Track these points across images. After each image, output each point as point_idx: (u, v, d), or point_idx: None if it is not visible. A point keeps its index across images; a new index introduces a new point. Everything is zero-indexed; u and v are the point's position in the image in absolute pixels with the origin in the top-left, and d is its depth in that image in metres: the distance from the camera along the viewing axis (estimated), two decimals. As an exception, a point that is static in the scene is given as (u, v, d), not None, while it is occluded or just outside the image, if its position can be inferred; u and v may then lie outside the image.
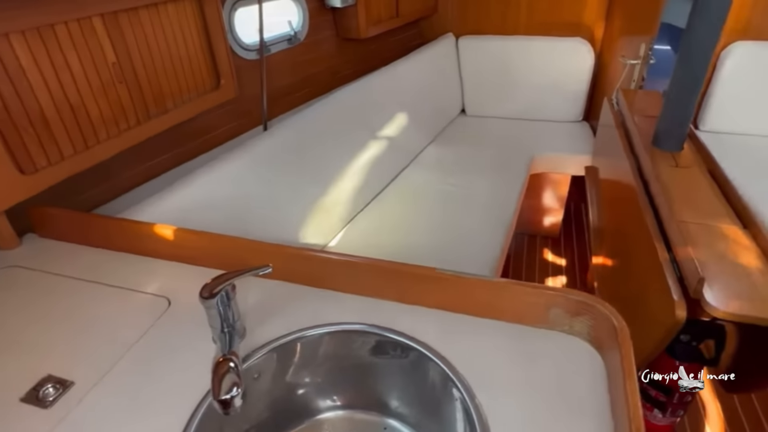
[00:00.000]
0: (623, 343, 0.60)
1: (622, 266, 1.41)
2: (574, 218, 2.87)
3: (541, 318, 0.71)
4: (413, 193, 2.06)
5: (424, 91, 2.47)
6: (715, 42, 1.33)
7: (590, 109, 2.72)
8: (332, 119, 1.82)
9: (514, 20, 2.71)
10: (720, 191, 1.31)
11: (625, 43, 2.28)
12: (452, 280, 0.73)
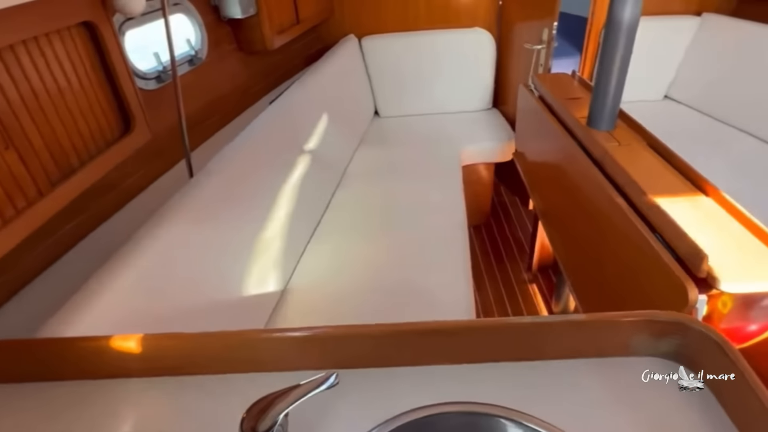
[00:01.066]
0: (737, 360, 0.55)
1: (594, 252, 1.42)
2: (499, 205, 2.95)
3: (623, 346, 0.64)
4: (359, 211, 1.94)
5: (338, 100, 2.34)
6: (636, 23, 1.38)
7: (498, 96, 2.79)
8: (258, 149, 1.60)
9: (413, 15, 2.68)
10: (668, 163, 1.36)
11: (526, 29, 2.36)
12: (527, 327, 0.63)
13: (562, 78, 2.01)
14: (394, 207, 1.95)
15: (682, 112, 2.64)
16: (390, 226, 1.83)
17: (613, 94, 1.50)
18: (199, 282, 1.16)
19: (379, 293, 1.50)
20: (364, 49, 2.64)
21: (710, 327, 0.59)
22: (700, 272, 0.98)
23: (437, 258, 1.64)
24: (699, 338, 0.60)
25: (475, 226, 2.75)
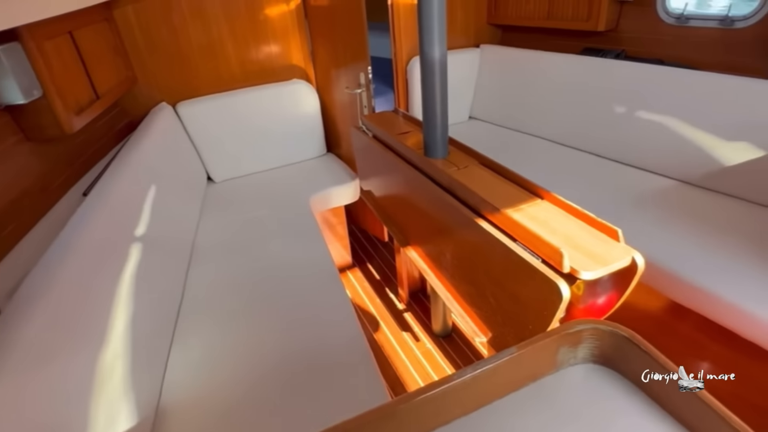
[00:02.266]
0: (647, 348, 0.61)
1: (467, 270, 1.50)
2: (357, 245, 2.98)
3: (551, 363, 0.67)
4: (220, 289, 1.75)
5: (165, 174, 2.11)
6: (445, 60, 1.54)
7: (330, 140, 2.85)
8: (82, 255, 1.26)
9: (228, 75, 2.60)
10: (502, 177, 1.53)
11: (343, 75, 2.46)
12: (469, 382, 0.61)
13: (388, 115, 2.14)
14: (258, 274, 1.81)
15: (486, 128, 3.05)
16: (260, 296, 1.69)
17: (441, 124, 1.64)
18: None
19: (273, 376, 1.36)
20: (182, 116, 2.46)
21: (617, 325, 0.65)
22: (563, 268, 1.10)
23: (320, 317, 1.56)
24: (610, 337, 0.65)
25: (341, 270, 2.73)
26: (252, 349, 1.46)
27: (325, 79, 2.74)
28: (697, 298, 1.58)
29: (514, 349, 0.63)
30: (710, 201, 1.99)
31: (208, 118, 2.51)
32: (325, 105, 2.77)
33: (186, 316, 1.63)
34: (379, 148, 1.97)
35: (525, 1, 2.82)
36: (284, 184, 2.55)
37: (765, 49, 1.99)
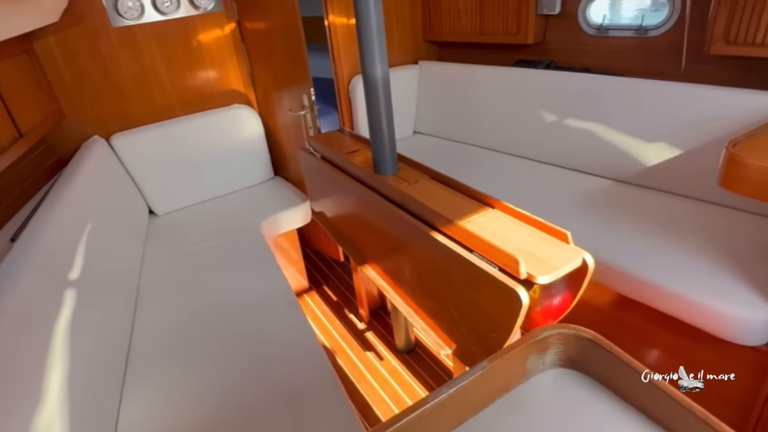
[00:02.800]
0: (609, 347, 0.63)
1: (427, 284, 1.51)
2: (313, 267, 2.93)
3: (521, 371, 0.67)
4: (172, 331, 1.65)
5: (101, 211, 1.99)
6: (388, 79, 1.56)
7: (276, 164, 2.81)
8: (13, 309, 1.18)
9: (164, 104, 2.51)
10: (452, 189, 1.55)
11: (285, 98, 2.44)
12: (445, 402, 0.60)
13: (334, 135, 2.14)
14: (212, 311, 1.73)
15: (431, 141, 3.11)
16: (216, 335, 1.61)
17: (389, 141, 1.65)
18: None
19: (239, 419, 1.29)
20: (116, 149, 2.34)
21: (580, 328, 0.67)
22: (520, 275, 1.13)
23: (281, 349, 1.51)
24: (575, 340, 0.67)
25: (298, 295, 2.67)
26: (212, 393, 1.38)
27: (266, 103, 2.70)
28: (643, 291, 1.67)
29: (485, 363, 0.63)
30: (645, 197, 2.12)
31: (146, 150, 2.40)
32: (268, 128, 2.73)
33: (136, 365, 1.52)
34: (328, 168, 1.95)
35: (457, 18, 2.93)
36: (232, 211, 2.47)
37: (676, 54, 2.17)
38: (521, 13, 2.58)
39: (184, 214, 2.49)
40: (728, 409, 1.62)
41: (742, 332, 1.45)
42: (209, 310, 1.73)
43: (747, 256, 1.63)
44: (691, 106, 2.00)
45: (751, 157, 1.26)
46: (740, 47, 1.88)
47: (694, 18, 2.05)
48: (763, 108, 1.78)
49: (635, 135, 2.18)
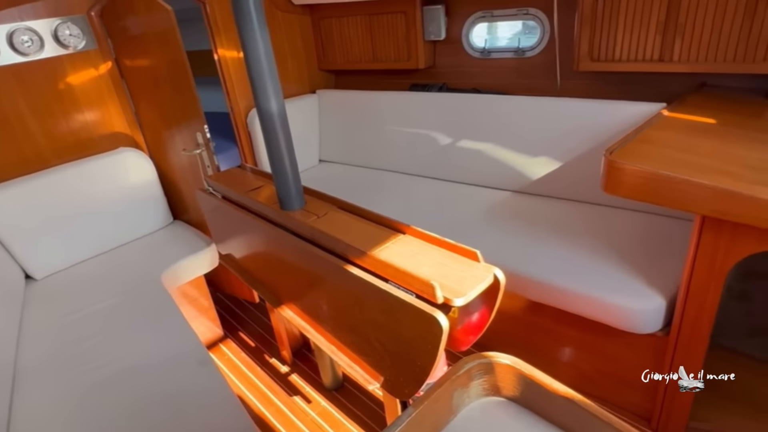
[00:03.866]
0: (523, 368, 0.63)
1: (346, 318, 1.46)
2: (227, 313, 2.75)
3: (449, 409, 0.65)
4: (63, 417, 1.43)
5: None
6: (284, 111, 1.52)
7: (175, 207, 2.61)
8: None
9: (34, 153, 2.23)
10: (362, 218, 1.53)
11: (177, 137, 2.29)
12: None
13: (235, 172, 2.04)
14: (111, 383, 1.53)
15: (337, 169, 3.09)
16: (118, 412, 1.42)
17: (293, 175, 1.60)
18: None
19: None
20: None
21: (499, 354, 0.67)
22: (438, 300, 1.12)
23: (196, 415, 1.36)
24: (495, 367, 0.66)
25: (212, 346, 2.48)
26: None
27: (157, 143, 2.52)
28: (549, 294, 1.76)
29: (411, 409, 0.60)
30: (541, 205, 2.26)
31: (15, 207, 2.11)
32: (162, 170, 2.54)
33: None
34: (231, 208, 1.85)
35: (350, 47, 2.97)
36: (127, 265, 2.24)
37: (551, 72, 2.37)
38: (410, 40, 2.68)
39: (69, 275, 2.21)
40: (637, 395, 1.75)
41: (639, 322, 1.58)
42: (107, 382, 1.53)
43: (635, 251, 1.79)
44: (569, 118, 2.19)
45: (626, 162, 1.38)
46: (603, 63, 2.10)
47: (562, 39, 2.26)
48: (630, 116, 1.98)
49: (525, 148, 2.34)
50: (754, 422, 1.61)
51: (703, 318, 1.44)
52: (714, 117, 1.70)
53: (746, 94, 1.92)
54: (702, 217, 1.32)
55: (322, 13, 2.97)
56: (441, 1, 2.60)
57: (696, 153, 1.42)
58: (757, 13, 1.72)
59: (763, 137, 1.54)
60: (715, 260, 1.35)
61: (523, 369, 0.65)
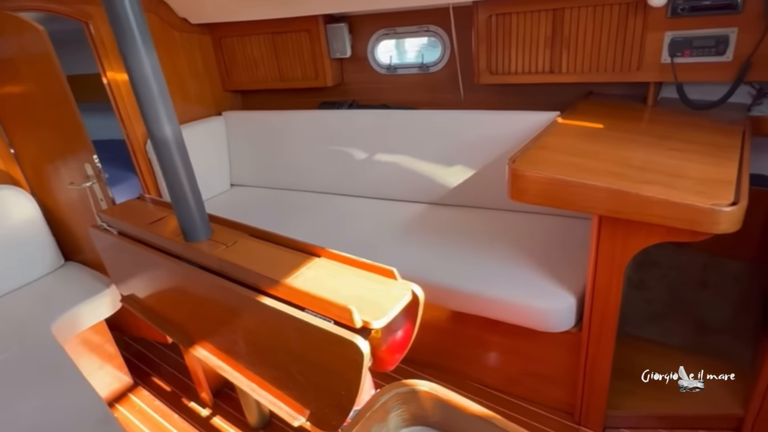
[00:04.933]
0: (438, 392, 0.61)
1: (266, 353, 1.37)
2: (136, 358, 2.50)
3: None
4: None
5: None
6: (181, 137, 1.41)
7: (66, 247, 2.35)
8: None
9: None
10: (274, 244, 1.46)
11: (63, 170, 2.07)
12: None
13: (133, 205, 1.87)
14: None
15: (250, 193, 2.97)
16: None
17: (196, 203, 1.49)
18: None
19: None
20: None
21: (416, 382, 0.64)
22: (356, 324, 1.08)
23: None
24: (412, 396, 0.63)
25: (121, 397, 2.23)
26: None
27: (39, 179, 2.25)
28: (470, 303, 1.79)
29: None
30: (456, 215, 2.31)
31: None
32: (47, 208, 2.27)
33: None
34: (130, 244, 1.68)
35: (255, 67, 2.89)
36: (13, 316, 1.97)
37: (455, 86, 2.46)
38: (316, 58, 2.66)
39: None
40: (560, 391, 1.82)
41: (554, 321, 1.64)
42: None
43: (546, 253, 1.88)
44: (474, 130, 2.27)
45: (528, 169, 1.44)
46: (501, 76, 2.21)
47: (463, 55, 2.35)
48: (530, 124, 2.09)
49: (436, 160, 2.39)
50: (661, 402, 1.73)
51: (609, 311, 1.53)
52: (601, 122, 1.84)
53: (627, 101, 2.11)
54: (599, 217, 1.41)
55: (223, 32, 2.86)
56: (344, 20, 2.60)
57: (588, 157, 1.52)
58: (627, 29, 1.90)
59: (643, 139, 1.69)
60: (614, 256, 1.44)
61: (439, 394, 0.62)
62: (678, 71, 1.84)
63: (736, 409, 1.67)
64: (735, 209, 1.14)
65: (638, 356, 1.93)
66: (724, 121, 1.78)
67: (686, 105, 1.89)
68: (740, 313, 1.99)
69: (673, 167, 1.40)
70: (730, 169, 1.35)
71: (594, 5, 1.92)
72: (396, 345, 1.30)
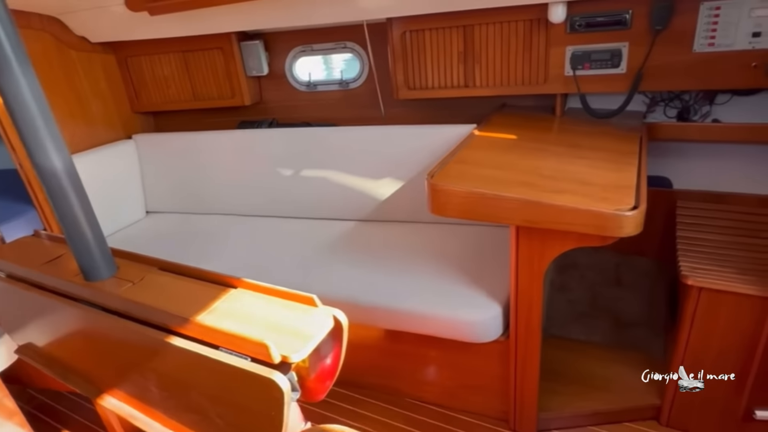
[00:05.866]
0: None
1: (179, 399, 1.26)
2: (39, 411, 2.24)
3: None
4: None
5: None
6: (72, 167, 1.29)
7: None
8: None
9: None
10: (187, 277, 1.36)
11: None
12: None
13: (26, 243, 1.67)
14: None
15: (169, 219, 2.79)
16: None
17: (95, 239, 1.35)
18: None
19: None
20: None
21: (329, 428, 0.59)
22: (274, 360, 1.02)
23: None
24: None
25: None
26: None
27: None
28: (401, 320, 1.77)
29: None
30: (385, 231, 2.30)
31: None
32: None
33: None
34: (21, 288, 1.50)
35: (167, 87, 2.73)
36: None
37: (376, 102, 2.46)
38: (232, 77, 2.56)
39: None
40: (494, 400, 1.84)
41: (482, 332, 1.66)
42: None
43: (473, 264, 1.90)
44: (397, 145, 2.28)
45: (447, 183, 1.45)
46: (419, 91, 2.24)
47: (380, 71, 2.37)
48: (449, 137, 2.12)
49: (361, 176, 2.37)
50: (587, 400, 1.80)
51: (533, 316, 1.57)
52: (514, 133, 1.90)
53: (537, 112, 2.21)
54: (516, 227, 1.44)
55: (128, 51, 2.68)
56: (259, 36, 2.54)
57: (503, 168, 1.56)
58: (533, 44, 1.99)
59: (552, 148, 1.77)
60: (532, 263, 1.48)
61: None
62: (580, 83, 1.96)
63: (653, 399, 1.77)
64: (636, 213, 1.21)
65: (565, 356, 2.00)
66: (624, 128, 1.91)
67: (590, 114, 2.01)
68: (651, 307, 2.12)
69: (581, 175, 1.47)
70: (631, 174, 1.44)
71: (500, 22, 2.00)
72: (326, 371, 1.25)
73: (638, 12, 1.81)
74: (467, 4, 1.95)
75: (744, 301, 1.45)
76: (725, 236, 1.74)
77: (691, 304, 1.53)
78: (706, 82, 1.85)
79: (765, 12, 1.67)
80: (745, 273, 1.51)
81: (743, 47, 1.73)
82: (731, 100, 1.94)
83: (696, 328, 1.57)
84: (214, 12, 2.18)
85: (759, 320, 1.44)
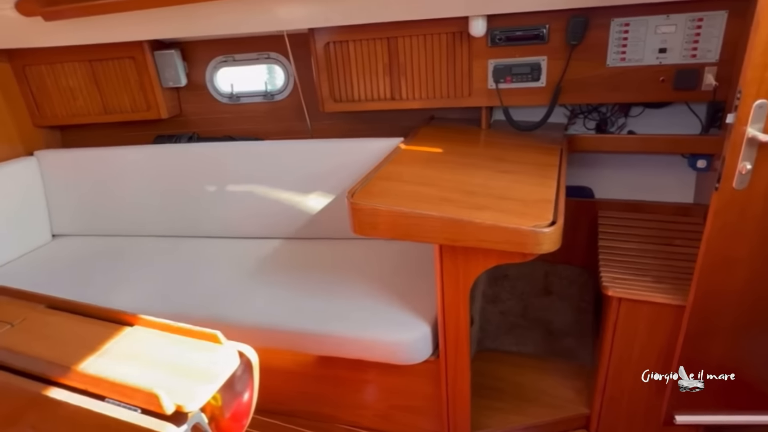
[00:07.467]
0: None
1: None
2: None
3: None
4: None
5: None
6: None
7: None
8: None
9: None
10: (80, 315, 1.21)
11: None
12: None
13: None
14: None
15: (78, 243, 2.55)
16: None
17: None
18: None
19: None
20: None
21: None
22: (166, 410, 0.90)
23: None
24: None
25: None
26: None
27: None
28: (329, 345, 1.68)
29: None
30: (312, 249, 2.21)
31: None
32: None
33: None
34: None
35: (73, 99, 2.50)
36: None
37: (302, 114, 2.37)
38: (146, 88, 2.38)
39: None
40: (427, 421, 1.78)
41: (412, 353, 1.60)
42: None
43: (402, 283, 1.84)
44: (323, 159, 2.20)
45: (368, 202, 1.38)
46: (345, 104, 2.18)
47: (305, 83, 2.28)
48: (377, 151, 2.06)
49: (287, 192, 2.27)
50: (521, 416, 1.78)
51: (460, 334, 1.53)
52: (441, 146, 1.88)
53: (464, 124, 2.21)
54: (440, 246, 1.40)
55: (26, 59, 2.43)
56: (175, 45, 2.38)
57: (426, 184, 1.52)
58: (456, 57, 1.98)
59: (477, 162, 1.75)
60: (458, 281, 1.44)
61: None
62: (503, 96, 1.97)
63: (582, 409, 1.78)
64: (553, 230, 1.20)
65: (499, 369, 1.99)
66: (547, 141, 1.93)
67: (514, 127, 2.03)
68: (579, 315, 2.16)
69: (503, 190, 1.46)
70: (550, 189, 1.44)
71: (424, 34, 1.98)
72: (242, 407, 1.14)
73: (555, 27, 1.84)
74: (389, 16, 1.92)
75: (660, 309, 1.49)
76: (643, 245, 1.79)
77: (612, 313, 1.56)
78: (620, 96, 1.91)
79: (669, 29, 1.75)
80: (660, 281, 1.55)
81: (651, 62, 1.81)
82: (644, 113, 2.02)
83: (618, 336, 1.59)
84: (120, 19, 2.01)
85: (674, 328, 1.48)
